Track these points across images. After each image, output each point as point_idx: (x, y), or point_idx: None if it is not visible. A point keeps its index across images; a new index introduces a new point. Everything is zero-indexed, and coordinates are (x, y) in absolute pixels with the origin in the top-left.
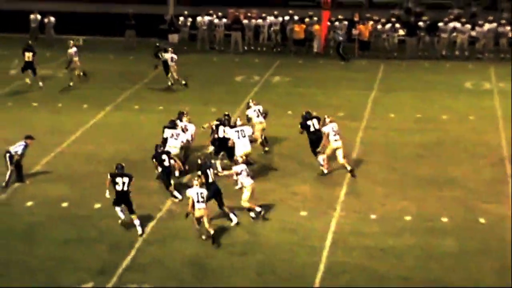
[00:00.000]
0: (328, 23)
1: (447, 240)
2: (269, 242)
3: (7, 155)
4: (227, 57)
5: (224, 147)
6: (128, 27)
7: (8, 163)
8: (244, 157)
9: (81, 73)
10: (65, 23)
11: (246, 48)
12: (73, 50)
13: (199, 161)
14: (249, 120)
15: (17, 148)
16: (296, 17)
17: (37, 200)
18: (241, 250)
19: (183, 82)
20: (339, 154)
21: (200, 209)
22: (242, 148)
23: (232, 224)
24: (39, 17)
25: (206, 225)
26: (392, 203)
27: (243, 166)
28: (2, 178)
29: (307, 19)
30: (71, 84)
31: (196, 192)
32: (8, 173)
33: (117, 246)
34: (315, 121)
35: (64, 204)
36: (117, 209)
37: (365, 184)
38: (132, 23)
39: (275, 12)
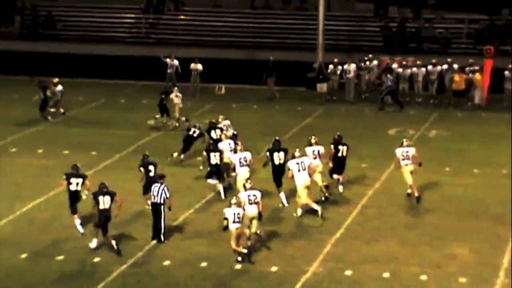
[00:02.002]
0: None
1: None
2: None
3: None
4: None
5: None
6: (269, 75)
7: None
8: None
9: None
10: (209, 71)
11: (400, 99)
12: (59, 88)
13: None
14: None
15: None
16: (455, 66)
17: (175, 260)
18: None
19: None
20: (408, 176)
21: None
22: (301, 180)
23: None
24: (176, 62)
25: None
26: None
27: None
28: None
29: (467, 68)
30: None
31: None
32: None
33: None
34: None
35: (203, 265)
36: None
37: None
38: (272, 70)
39: (433, 60)
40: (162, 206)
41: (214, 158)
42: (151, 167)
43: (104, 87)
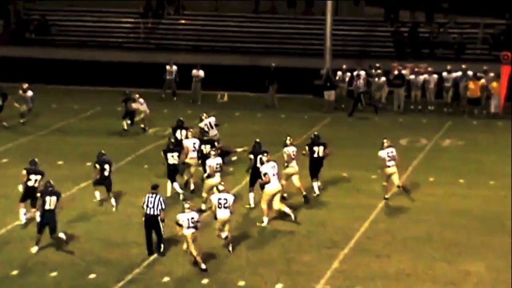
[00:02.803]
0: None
1: None
2: None
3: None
4: (390, 116)
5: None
6: (270, 82)
7: None
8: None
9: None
10: (211, 77)
11: (412, 107)
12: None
13: None
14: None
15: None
16: (470, 73)
17: (174, 276)
18: None
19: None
20: (395, 178)
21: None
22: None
23: None
24: (174, 68)
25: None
26: None
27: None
28: None
29: (482, 75)
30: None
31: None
32: None
33: None
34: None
35: (204, 281)
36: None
37: None
38: (274, 77)
39: (448, 67)
40: (158, 218)
41: (172, 159)
42: (106, 166)
43: (101, 95)
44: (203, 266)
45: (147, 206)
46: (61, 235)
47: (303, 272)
